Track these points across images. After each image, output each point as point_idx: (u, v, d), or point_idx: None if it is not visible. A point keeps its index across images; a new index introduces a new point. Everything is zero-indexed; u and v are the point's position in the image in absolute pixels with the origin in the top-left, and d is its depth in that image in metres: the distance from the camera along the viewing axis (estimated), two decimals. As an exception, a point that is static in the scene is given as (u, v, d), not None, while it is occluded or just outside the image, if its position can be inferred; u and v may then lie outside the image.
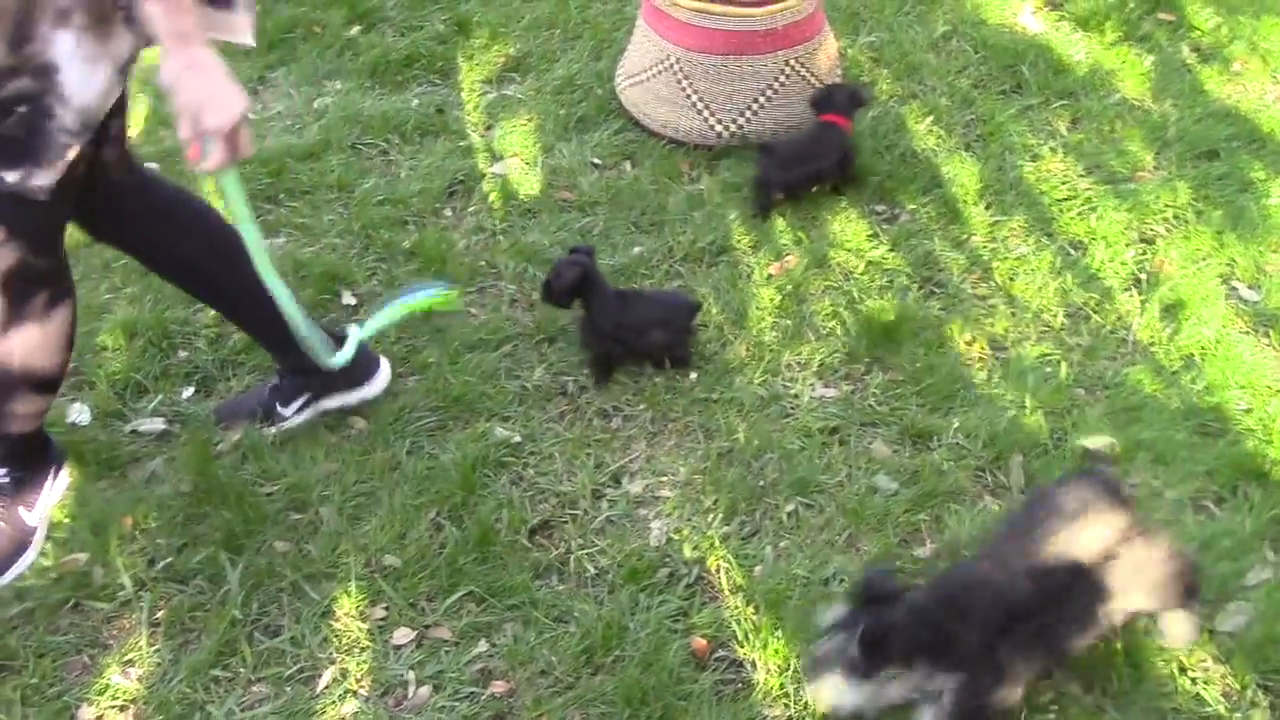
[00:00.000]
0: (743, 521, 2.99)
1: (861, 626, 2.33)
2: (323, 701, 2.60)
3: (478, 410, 3.27)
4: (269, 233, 3.88)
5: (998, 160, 4.15)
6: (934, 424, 3.22)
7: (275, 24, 4.91)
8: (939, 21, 4.90)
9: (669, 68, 4.16)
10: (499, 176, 4.13)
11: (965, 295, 3.63)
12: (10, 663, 2.66)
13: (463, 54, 4.79)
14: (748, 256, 3.79)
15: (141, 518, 2.95)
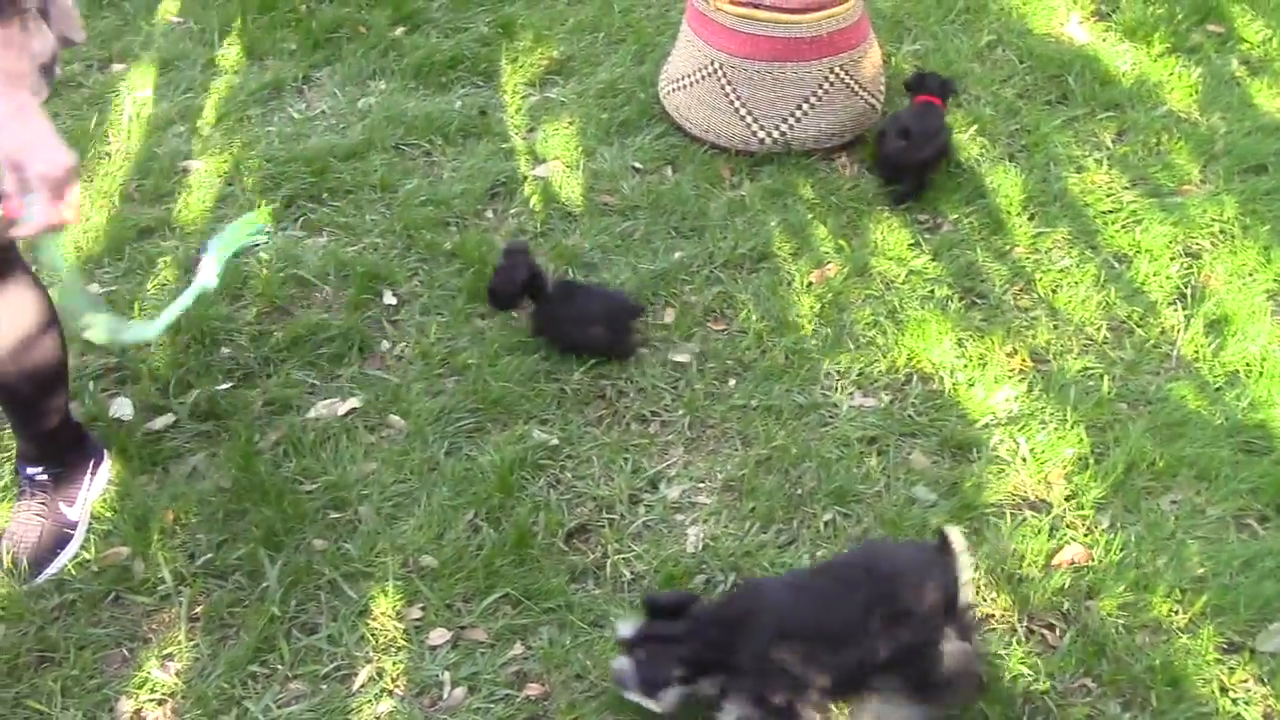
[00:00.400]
0: (780, 529, 2.98)
1: (641, 645, 2.37)
2: (358, 700, 2.61)
3: (516, 412, 3.28)
4: (312, 232, 3.91)
5: (1042, 171, 4.12)
6: (974, 436, 3.20)
7: (320, 24, 4.94)
8: (984, 30, 4.88)
9: (712, 73, 4.16)
10: (541, 179, 4.14)
11: (1007, 307, 3.61)
12: (51, 654, 2.69)
13: (506, 56, 4.81)
14: (788, 264, 3.78)
15: (182, 513, 2.98)
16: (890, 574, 2.42)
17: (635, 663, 2.40)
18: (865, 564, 2.48)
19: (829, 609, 2.39)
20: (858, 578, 2.42)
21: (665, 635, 2.38)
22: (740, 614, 2.43)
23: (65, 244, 2.40)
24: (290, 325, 3.54)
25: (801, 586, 2.52)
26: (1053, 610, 2.78)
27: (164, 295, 3.64)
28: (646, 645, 2.40)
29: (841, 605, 2.38)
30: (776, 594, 2.50)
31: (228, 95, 4.59)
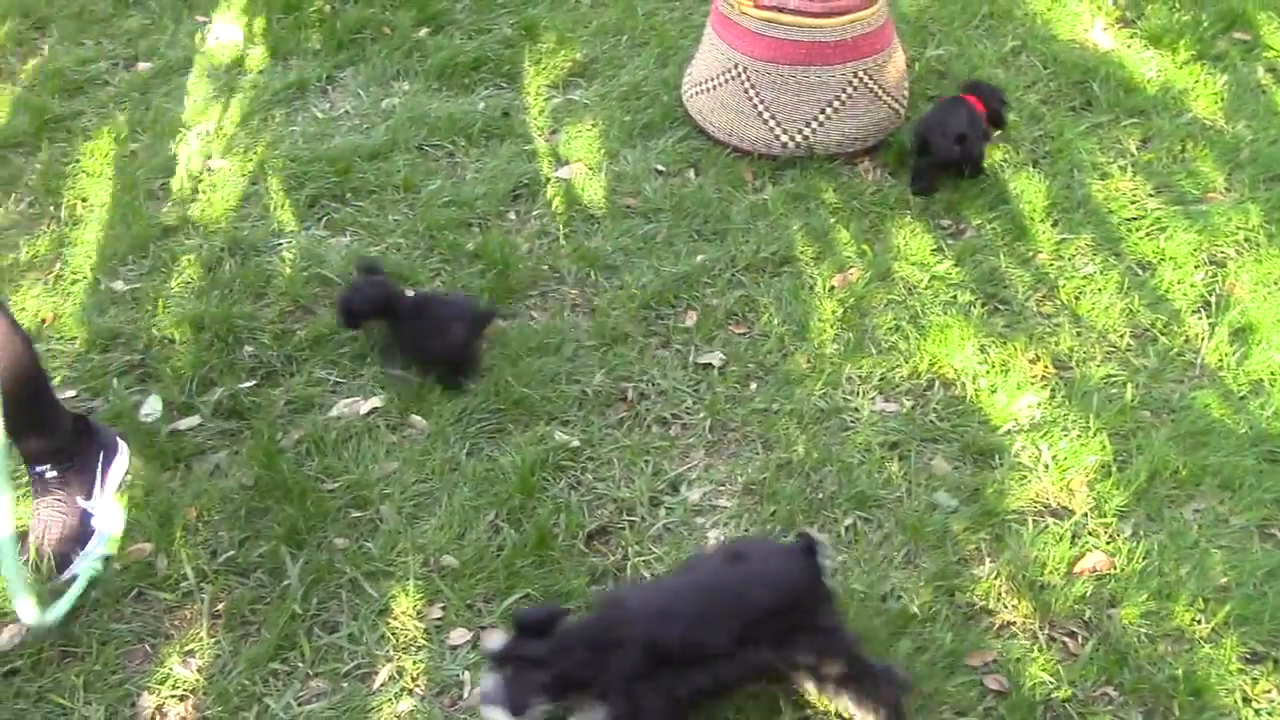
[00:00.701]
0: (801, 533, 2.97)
1: (507, 663, 2.33)
2: (379, 699, 2.62)
3: (537, 414, 3.28)
4: (335, 231, 3.93)
5: (1065, 177, 4.11)
6: (996, 442, 3.19)
7: (345, 24, 4.96)
8: (1009, 36, 4.86)
9: (736, 76, 4.16)
10: (563, 181, 4.15)
11: (1030, 313, 3.60)
12: (74, 649, 2.70)
13: (529, 58, 4.82)
14: (810, 268, 3.78)
15: (205, 510, 2.99)
16: (755, 581, 2.42)
17: (501, 681, 2.32)
18: (729, 572, 2.47)
19: (695, 622, 2.37)
20: (723, 586, 2.42)
21: (531, 655, 2.32)
22: (606, 632, 2.38)
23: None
24: (313, 324, 3.55)
25: (666, 599, 2.47)
26: (1074, 618, 2.77)
27: (187, 294, 3.66)
28: (513, 664, 2.32)
29: (708, 617, 2.37)
30: (641, 608, 2.45)
31: (252, 95, 4.61)
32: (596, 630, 2.40)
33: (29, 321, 3.57)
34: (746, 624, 2.37)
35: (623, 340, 3.51)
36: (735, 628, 2.36)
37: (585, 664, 2.32)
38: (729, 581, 2.45)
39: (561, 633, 2.36)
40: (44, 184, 4.16)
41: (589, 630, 2.41)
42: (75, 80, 4.73)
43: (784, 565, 2.46)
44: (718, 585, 2.44)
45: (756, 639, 2.38)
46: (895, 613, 2.76)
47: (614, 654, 2.33)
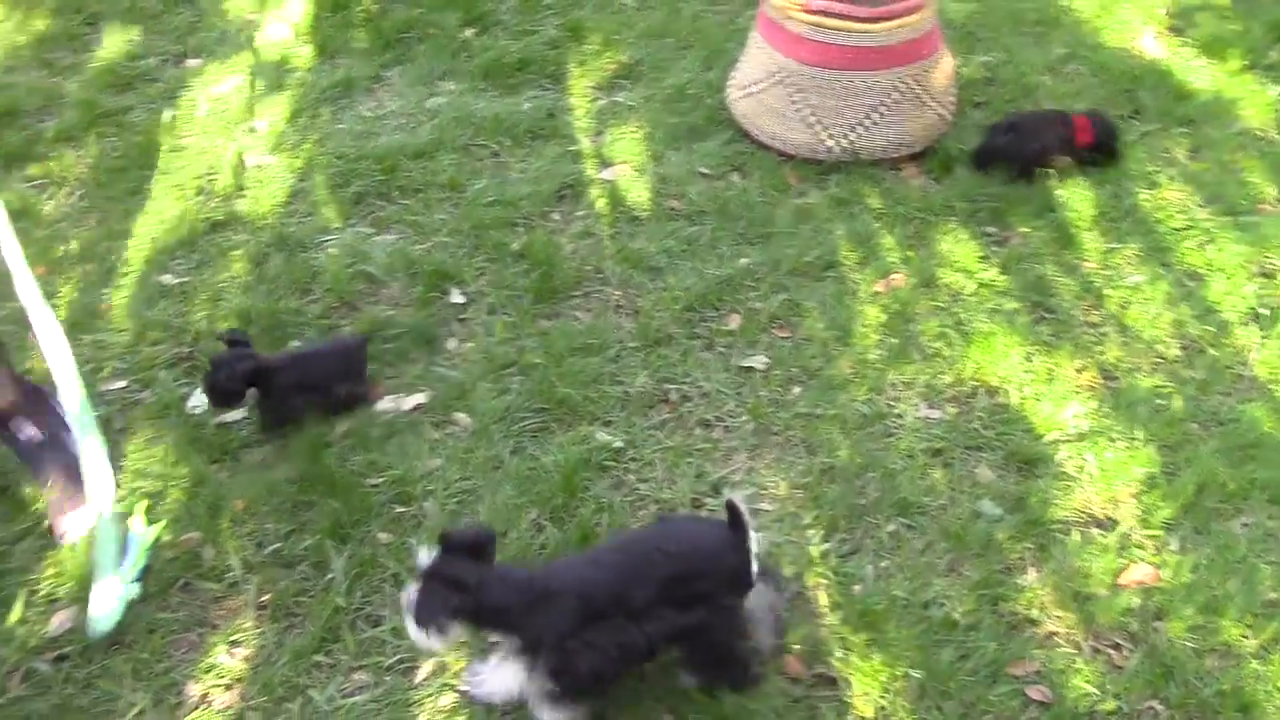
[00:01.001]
0: (843, 539, 2.97)
1: (428, 581, 2.32)
2: (421, 693, 2.63)
3: (581, 414, 3.29)
4: (381, 228, 3.95)
5: (1114, 186, 4.08)
6: (1041, 451, 3.17)
7: (392, 24, 4.99)
8: (1056, 44, 4.84)
9: (781, 80, 4.16)
10: (608, 182, 4.16)
11: (1077, 322, 3.57)
12: (122, 637, 2.73)
13: (575, 59, 4.83)
14: (854, 272, 3.77)
15: (252, 502, 3.01)
16: (683, 552, 2.49)
17: (416, 596, 2.32)
18: (659, 542, 2.53)
19: (626, 586, 2.43)
20: (654, 556, 2.48)
21: (452, 576, 2.32)
22: (536, 581, 2.42)
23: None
24: (358, 320, 3.57)
25: (600, 564, 2.52)
26: (1119, 630, 2.75)
27: (235, 288, 3.69)
28: (432, 581, 2.32)
29: (638, 582, 2.43)
30: (571, 564, 2.55)
31: (300, 92, 4.64)
32: (526, 579, 2.43)
33: (79, 313, 3.61)
34: (666, 582, 2.44)
35: (666, 342, 3.52)
36: (656, 585, 2.44)
37: (507, 605, 2.35)
38: (652, 542, 2.54)
39: (490, 565, 2.39)
40: (94, 178, 4.21)
41: (518, 575, 2.45)
42: (125, 76, 4.79)
43: (705, 531, 2.58)
44: (641, 545, 2.55)
45: (673, 599, 2.44)
46: (937, 620, 2.75)
47: (545, 605, 2.37)
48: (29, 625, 2.77)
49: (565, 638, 2.37)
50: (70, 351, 2.81)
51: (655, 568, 2.45)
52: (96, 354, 3.48)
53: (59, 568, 2.88)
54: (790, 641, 2.72)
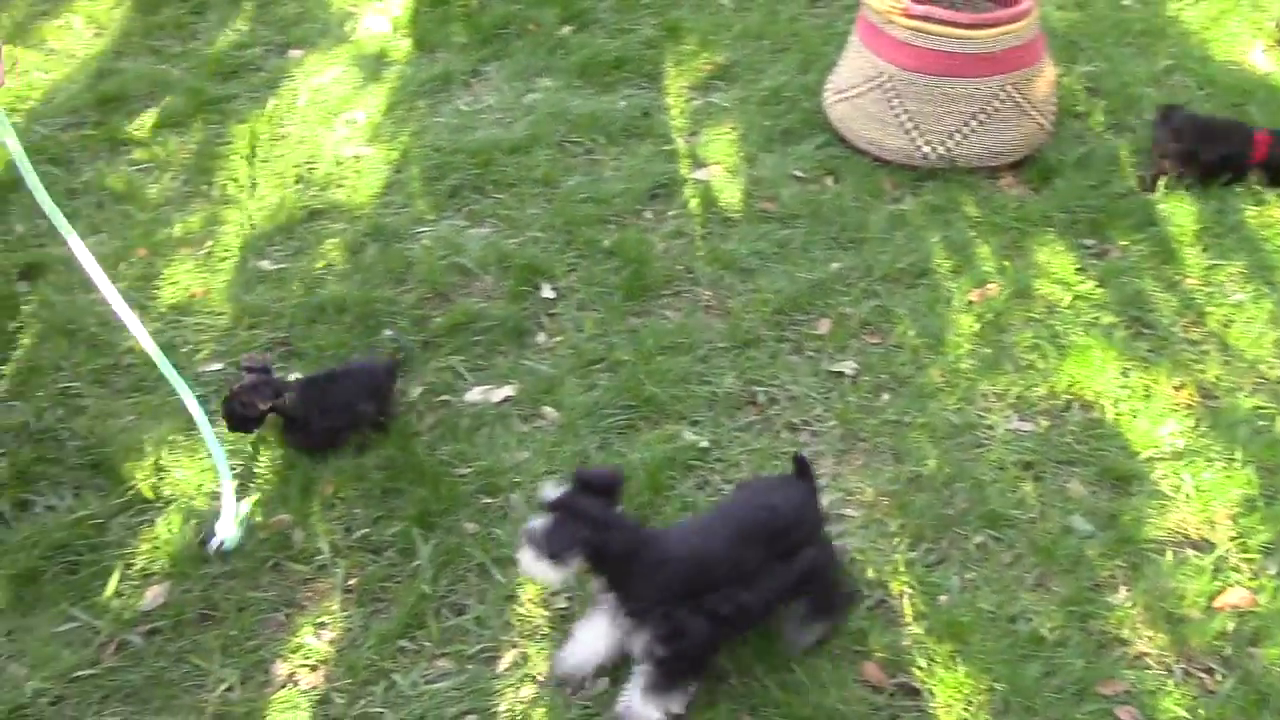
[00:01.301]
0: (929, 549, 2.94)
1: (558, 511, 2.34)
2: (502, 683, 2.65)
3: (668, 412, 3.29)
4: (475, 222, 3.99)
5: (1218, 201, 3.99)
6: (1135, 468, 3.11)
7: (490, 20, 5.04)
8: (1161, 55, 4.75)
9: (880, 85, 4.12)
10: (701, 183, 4.16)
11: (1176, 338, 3.50)
12: (213, 613, 2.79)
13: (671, 59, 4.83)
14: (948, 280, 3.73)
15: (342, 487, 3.06)
16: (778, 507, 2.58)
17: (547, 525, 2.34)
18: (755, 504, 2.61)
19: (740, 552, 2.50)
20: (758, 517, 2.56)
21: (583, 510, 2.35)
22: (658, 549, 2.45)
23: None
24: (450, 312, 3.61)
25: (711, 533, 2.57)
26: (1213, 654, 2.69)
27: (331, 275, 3.75)
28: (563, 511, 2.34)
29: (748, 545, 2.51)
30: (690, 539, 2.56)
31: (398, 85, 4.70)
32: (650, 536, 2.48)
33: (180, 295, 3.69)
34: (771, 540, 2.53)
35: (755, 344, 3.51)
36: (764, 545, 2.52)
37: (629, 554, 2.38)
38: (749, 505, 2.63)
39: (617, 510, 2.44)
40: (198, 163, 4.30)
41: (643, 530, 2.49)
42: (230, 64, 4.88)
43: (785, 486, 2.67)
44: (741, 510, 2.63)
45: (780, 553, 2.54)
46: (1025, 635, 2.71)
47: (662, 567, 2.42)
48: (124, 598, 2.84)
49: (678, 603, 2.41)
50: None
51: (760, 529, 2.53)
52: (195, 336, 3.55)
53: (154, 542, 2.94)
54: (873, 649, 2.69)
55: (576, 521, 2.33)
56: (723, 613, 2.45)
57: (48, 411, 3.27)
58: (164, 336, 3.53)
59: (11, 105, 4.61)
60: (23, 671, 2.67)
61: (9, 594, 2.83)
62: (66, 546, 2.92)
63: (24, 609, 2.81)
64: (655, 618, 2.41)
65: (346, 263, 3.81)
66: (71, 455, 3.17)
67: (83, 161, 4.32)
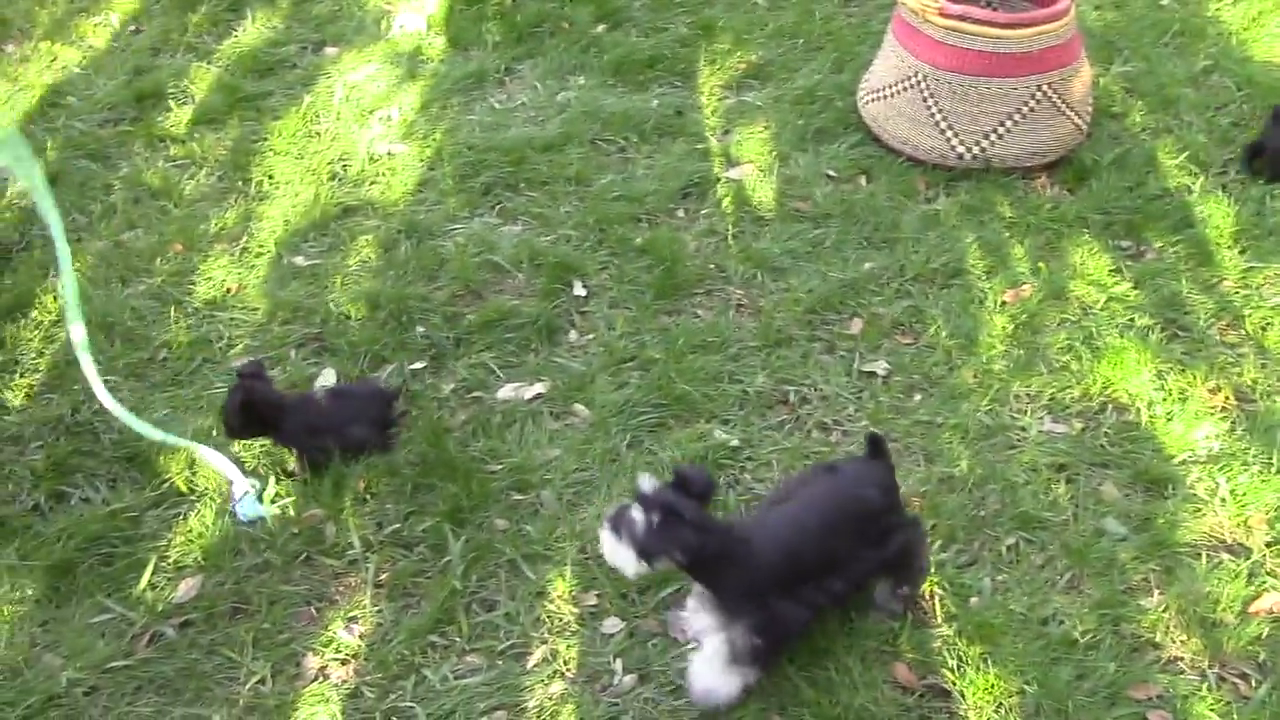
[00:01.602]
0: (960, 550, 2.93)
1: (657, 510, 2.32)
2: (532, 679, 2.66)
3: (698, 411, 3.29)
4: (508, 219, 4.00)
5: (1256, 204, 3.95)
6: (1170, 471, 3.08)
7: (524, 18, 5.05)
8: (1200, 55, 4.70)
9: (915, 84, 4.11)
10: (733, 181, 4.15)
11: (1212, 341, 3.47)
12: (245, 606, 2.81)
13: (704, 58, 4.83)
14: (982, 281, 3.71)
15: (374, 482, 3.07)
16: (866, 494, 2.63)
17: (646, 522, 2.32)
18: (845, 491, 2.64)
19: (831, 543, 2.56)
20: (847, 506, 2.61)
21: (683, 511, 2.33)
22: (750, 547, 2.47)
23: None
24: (482, 309, 3.62)
25: (802, 527, 2.58)
26: (1247, 659, 2.66)
27: (364, 272, 3.77)
28: (664, 511, 2.32)
29: (838, 536, 2.57)
30: (780, 533, 2.56)
31: (432, 83, 4.72)
32: (743, 536, 2.49)
33: (215, 291, 3.71)
34: (860, 527, 2.60)
35: (786, 343, 3.50)
36: (852, 535, 2.59)
37: (724, 556, 2.40)
38: (837, 493, 2.65)
39: (716, 522, 2.45)
40: (233, 160, 4.33)
41: (737, 530, 2.50)
42: (266, 62, 4.91)
43: (868, 470, 2.70)
44: (831, 500, 2.64)
45: (870, 539, 2.61)
46: (1056, 637, 2.70)
47: (753, 572, 2.44)
48: (157, 591, 2.86)
49: (770, 596, 2.46)
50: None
51: (850, 519, 2.59)
52: (230, 331, 3.58)
53: (188, 535, 2.97)
54: (903, 650, 2.69)
55: (675, 523, 2.33)
56: (817, 602, 2.53)
57: (84, 405, 3.30)
58: (198, 331, 3.56)
59: (51, 101, 4.67)
60: (58, 661, 2.71)
61: (45, 585, 2.86)
62: (101, 538, 2.96)
63: (59, 600, 2.84)
64: (750, 609, 2.45)
65: (380, 259, 3.83)
66: (107, 448, 3.20)
67: (120, 157, 4.37)
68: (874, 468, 2.70)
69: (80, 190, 4.18)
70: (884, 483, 2.68)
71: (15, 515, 3.03)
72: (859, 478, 2.67)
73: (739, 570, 2.43)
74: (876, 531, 2.62)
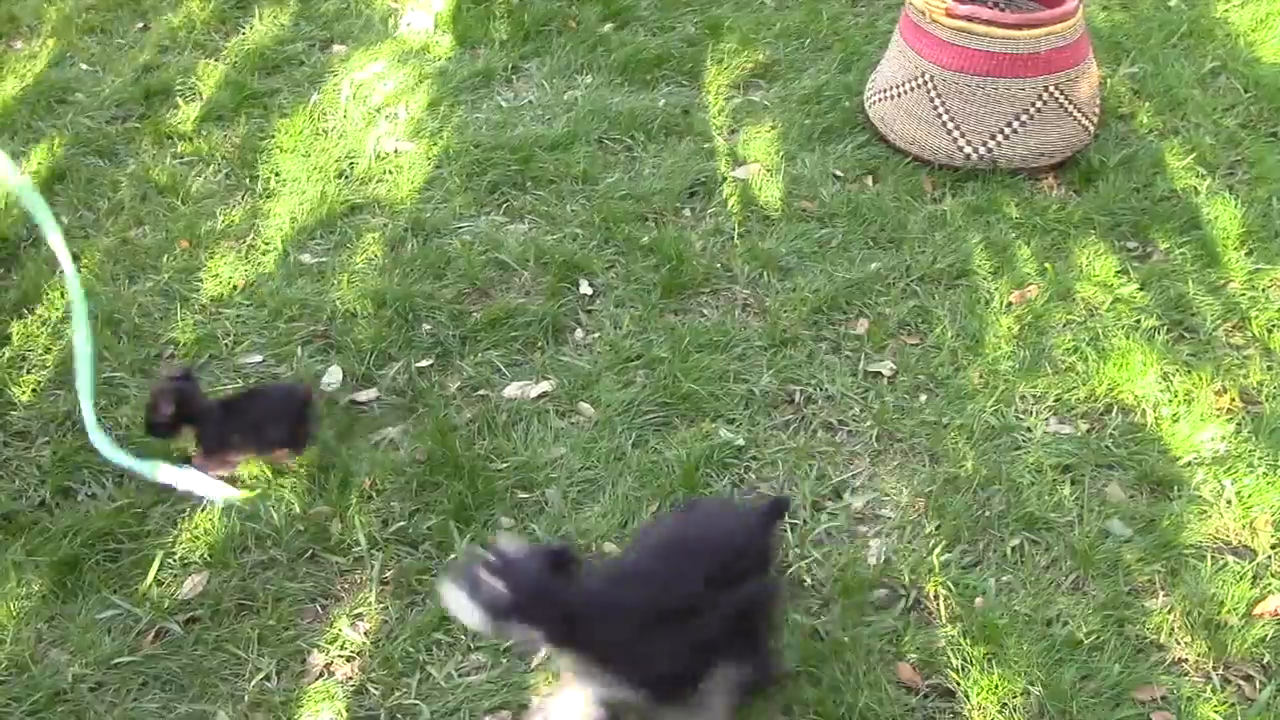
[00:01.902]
0: (965, 550, 2.93)
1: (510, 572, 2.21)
2: (536, 677, 2.66)
3: (704, 410, 3.29)
4: (514, 218, 4.00)
5: (1263, 205, 3.95)
6: (1175, 473, 3.08)
7: (532, 17, 5.05)
8: (1208, 57, 4.70)
9: (922, 84, 4.10)
10: (740, 181, 4.15)
11: (1218, 343, 3.46)
12: (250, 603, 2.82)
13: (712, 57, 4.83)
14: (988, 282, 3.71)
15: (379, 480, 3.08)
16: (718, 539, 2.49)
17: (501, 583, 2.20)
18: (694, 535, 2.51)
19: (675, 588, 2.37)
20: (693, 550, 2.45)
21: (543, 587, 2.23)
22: (602, 603, 2.34)
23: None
24: (489, 307, 3.62)
25: (643, 574, 2.44)
26: (1252, 661, 2.66)
27: (370, 270, 3.77)
28: (515, 576, 2.21)
29: (683, 582, 2.37)
30: (626, 582, 2.43)
31: (440, 81, 4.72)
32: (595, 597, 2.36)
33: (221, 288, 3.72)
34: (710, 572, 2.40)
35: (792, 343, 3.50)
36: (701, 581, 2.38)
37: (579, 619, 2.28)
38: (687, 535, 2.52)
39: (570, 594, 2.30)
40: (241, 157, 4.33)
41: (590, 595, 2.36)
42: (273, 59, 4.92)
43: (735, 517, 2.62)
44: (678, 543, 2.50)
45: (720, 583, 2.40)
46: (1061, 638, 2.70)
47: (609, 620, 2.30)
48: (163, 587, 2.87)
49: (632, 648, 2.32)
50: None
51: (697, 562, 2.42)
52: (236, 328, 3.58)
53: (193, 532, 2.97)
54: (907, 650, 2.69)
55: (545, 603, 2.23)
56: (673, 646, 2.34)
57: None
58: (205, 328, 3.57)
59: (59, 98, 4.68)
60: (64, 657, 2.71)
61: (51, 581, 2.87)
62: (108, 535, 2.96)
63: (66, 596, 2.85)
64: (616, 665, 2.33)
65: (386, 257, 3.83)
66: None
67: (127, 154, 4.38)
68: (741, 516, 2.63)
69: (88, 187, 4.19)
70: (745, 531, 2.53)
71: (22, 511, 3.04)
72: (716, 523, 2.57)
73: (598, 629, 2.30)
74: (726, 578, 2.41)
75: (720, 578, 2.40)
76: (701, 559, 2.43)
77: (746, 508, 2.67)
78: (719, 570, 2.40)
